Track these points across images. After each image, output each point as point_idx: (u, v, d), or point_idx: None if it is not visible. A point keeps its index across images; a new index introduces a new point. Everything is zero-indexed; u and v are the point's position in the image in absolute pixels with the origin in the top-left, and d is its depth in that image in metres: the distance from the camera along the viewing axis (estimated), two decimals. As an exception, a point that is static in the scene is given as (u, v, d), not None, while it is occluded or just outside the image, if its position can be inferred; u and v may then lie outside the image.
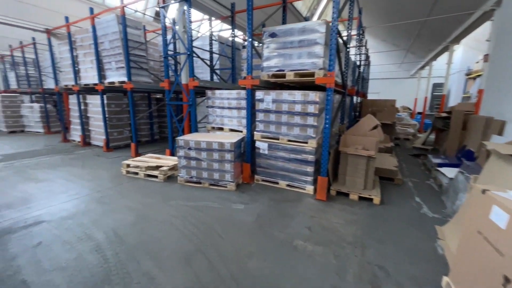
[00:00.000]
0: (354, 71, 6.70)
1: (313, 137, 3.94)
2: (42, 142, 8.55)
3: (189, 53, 4.95)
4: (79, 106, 7.92)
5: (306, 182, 4.14)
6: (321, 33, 3.79)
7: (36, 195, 3.87)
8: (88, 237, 2.74)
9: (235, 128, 4.97)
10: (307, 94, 3.86)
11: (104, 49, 6.65)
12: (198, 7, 5.87)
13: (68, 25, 7.32)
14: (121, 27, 5.99)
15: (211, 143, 4.13)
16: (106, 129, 7.20)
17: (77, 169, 5.32)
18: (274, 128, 4.23)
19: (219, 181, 4.26)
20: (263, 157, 4.45)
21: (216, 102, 5.10)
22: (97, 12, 6.57)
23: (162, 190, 4.19)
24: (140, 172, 4.76)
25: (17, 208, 3.42)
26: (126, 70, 6.15)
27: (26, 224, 2.98)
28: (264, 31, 4.26)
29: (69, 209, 3.40)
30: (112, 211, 3.39)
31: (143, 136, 8.64)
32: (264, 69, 4.35)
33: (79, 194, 3.96)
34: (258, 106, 4.32)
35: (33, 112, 10.58)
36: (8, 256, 2.39)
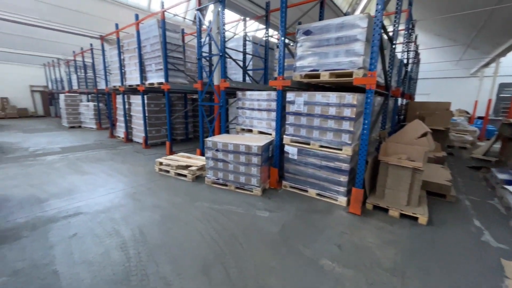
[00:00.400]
0: (400, 70, 5.99)
1: (349, 143, 3.56)
2: (93, 137, 9.52)
3: (221, 54, 4.95)
4: (124, 105, 8.62)
5: (339, 192, 3.78)
6: (362, 29, 3.40)
7: (80, 187, 4.24)
8: (116, 233, 2.85)
9: (264, 130, 4.81)
10: (343, 96, 3.50)
11: (146, 52, 7.08)
12: (233, 7, 5.86)
13: (118, 31, 8.00)
14: (161, 31, 6.30)
15: (238, 146, 4.03)
16: (145, 127, 7.68)
17: (118, 164, 5.74)
18: (305, 132, 3.96)
19: (245, 185, 4.14)
20: (292, 163, 4.20)
21: (246, 103, 5.00)
22: (141, 18, 7.02)
23: (190, 190, 4.24)
24: (171, 170, 4.91)
25: (63, 198, 3.76)
26: (164, 72, 6.44)
27: (67, 215, 3.24)
28: (298, 29, 4.01)
29: (104, 203, 3.63)
30: (141, 208, 3.51)
31: (178, 135, 9.03)
32: (296, 69, 4.10)
33: (115, 188, 4.21)
34: (288, 109, 4.09)
35: (88, 110, 11.90)
36: (47, 244, 2.60)
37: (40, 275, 2.16)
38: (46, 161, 5.85)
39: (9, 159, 6.03)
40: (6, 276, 2.14)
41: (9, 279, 2.10)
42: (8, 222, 3.03)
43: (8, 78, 16.30)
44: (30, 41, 12.81)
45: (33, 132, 10.35)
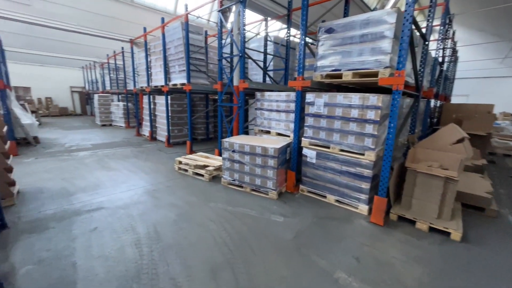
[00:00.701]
0: (434, 70, 5.50)
1: (372, 148, 3.32)
2: (121, 135, 10.09)
3: (240, 54, 4.92)
4: (149, 105, 9.02)
5: (360, 200, 3.54)
6: (390, 24, 3.15)
7: (104, 183, 4.47)
8: (132, 229, 2.93)
9: (282, 132, 4.69)
10: (367, 98, 3.27)
11: (170, 54, 7.32)
12: (254, 7, 5.83)
13: (145, 35, 8.39)
14: (184, 33, 6.46)
15: (254, 147, 3.96)
16: (168, 126, 7.95)
17: (141, 162, 5.98)
18: (324, 135, 3.78)
19: (261, 187, 4.06)
20: (310, 166, 4.04)
21: (264, 104, 4.92)
22: (167, 21, 7.28)
23: (206, 190, 4.26)
24: (189, 169, 4.99)
25: (89, 193, 3.99)
26: (186, 73, 6.60)
27: (90, 209, 3.42)
28: (319, 27, 3.85)
29: (125, 199, 3.78)
30: (158, 206, 3.60)
31: (199, 135, 9.22)
32: (317, 69, 3.94)
33: (136, 185, 4.38)
34: (307, 110, 3.93)
35: (118, 109, 12.65)
36: (71, 236, 2.75)
37: (61, 266, 2.27)
38: (78, 157, 6.29)
39: (48, 153, 6.59)
40: (31, 264, 2.28)
41: (33, 267, 2.24)
42: (40, 213, 3.27)
43: (52, 79, 17.95)
44: (70, 46, 13.95)
45: (70, 129, 11.25)
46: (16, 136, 7.51)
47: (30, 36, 11.66)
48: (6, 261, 2.31)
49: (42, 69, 17.09)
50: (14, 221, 3.02)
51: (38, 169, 5.15)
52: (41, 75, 17.05)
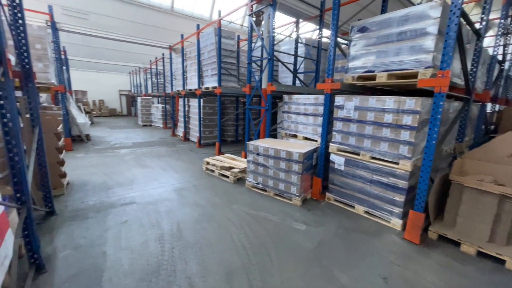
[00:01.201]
0: (491, 69, 4.78)
1: (408, 157, 3.00)
2: (159, 135, 10.83)
3: (269, 57, 4.90)
4: (184, 107, 9.53)
5: (392, 213, 3.22)
6: (434, 19, 2.83)
7: (139, 179, 4.81)
8: (158, 225, 3.08)
9: (309, 136, 4.53)
10: (403, 101, 2.97)
11: (204, 58, 7.64)
12: (285, 10, 5.77)
13: (182, 41, 8.91)
14: (217, 38, 6.69)
15: (279, 151, 3.89)
16: (200, 128, 8.29)
17: (173, 161, 6.32)
18: (354, 140, 3.53)
19: (284, 193, 3.96)
20: (338, 174, 3.81)
21: (292, 107, 4.82)
22: (202, 27, 7.62)
23: (230, 192, 4.31)
24: (216, 170, 5.11)
25: (125, 187, 4.33)
26: (217, 76, 6.81)
27: (124, 203, 3.70)
28: (352, 26, 3.63)
29: (154, 196, 4.01)
30: (184, 204, 3.74)
31: (228, 136, 9.43)
32: (349, 70, 3.72)
33: (166, 183, 4.63)
34: (336, 114, 3.73)
35: (157, 111, 13.63)
36: (104, 227, 3.00)
37: (93, 254, 2.49)
38: (119, 154, 6.91)
39: (95, 150, 7.37)
40: (70, 249, 2.54)
41: (71, 252, 2.49)
42: (82, 203, 3.65)
43: (104, 84, 20.16)
44: (120, 54, 15.50)
45: (116, 128, 12.46)
46: (72, 133, 8.58)
47: (88, 46, 13.26)
48: (51, 244, 2.61)
49: (97, 75, 19.32)
50: (61, 209, 3.41)
51: (86, 164, 5.78)
52: (95, 80, 19.29)
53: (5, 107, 1.95)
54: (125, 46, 12.12)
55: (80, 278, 2.15)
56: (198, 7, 13.21)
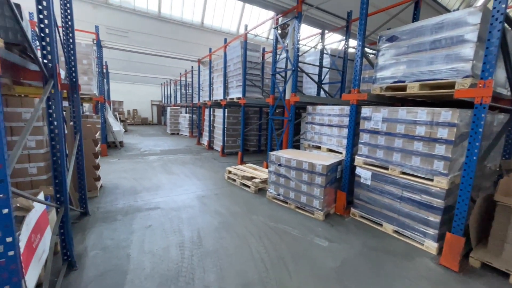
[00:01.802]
0: (544, 78, 4.26)
1: (444, 173, 2.75)
2: (185, 143, 11.28)
3: (293, 68, 4.92)
4: (209, 117, 9.86)
5: (426, 234, 2.94)
6: (473, 26, 2.64)
7: (164, 185, 5.01)
8: (179, 231, 3.15)
9: (334, 148, 4.38)
10: (437, 113, 2.76)
11: (230, 70, 7.92)
12: (311, 22, 5.80)
13: (210, 54, 9.35)
14: (243, 51, 6.91)
15: (301, 163, 3.81)
16: (223, 137, 8.48)
17: (197, 168, 6.51)
18: (382, 154, 3.34)
19: (306, 206, 3.84)
20: (364, 188, 3.61)
21: (316, 118, 4.73)
22: (229, 41, 7.95)
23: (250, 202, 4.29)
24: (237, 180, 5.14)
25: (151, 192, 4.53)
26: (242, 88, 6.98)
27: (149, 207, 3.86)
28: (380, 36, 3.53)
29: (178, 202, 4.13)
30: (205, 212, 3.79)
31: (251, 146, 9.51)
32: (376, 81, 3.58)
33: (189, 190, 4.75)
34: (363, 126, 3.58)
35: (184, 120, 14.27)
36: (130, 230, 3.14)
37: (118, 255, 2.60)
38: (148, 160, 7.30)
39: (127, 156, 7.88)
40: (98, 249, 2.69)
41: (98, 252, 2.64)
42: (112, 205, 3.88)
43: (138, 94, 21.75)
44: (153, 67, 16.70)
45: (146, 136, 13.25)
46: (107, 140, 9.30)
47: (126, 61, 14.49)
48: (82, 243, 2.79)
49: (132, 86, 20.96)
50: (94, 210, 3.66)
51: (118, 169, 6.18)
52: (130, 91, 20.92)
53: (52, 116, 2.19)
54: (158, 59, 13.05)
55: (106, 278, 2.26)
56: (226, 22, 13.88)
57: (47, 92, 1.95)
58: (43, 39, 2.07)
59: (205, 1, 12.33)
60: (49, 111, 2.16)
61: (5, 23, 1.74)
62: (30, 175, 3.18)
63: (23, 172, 3.14)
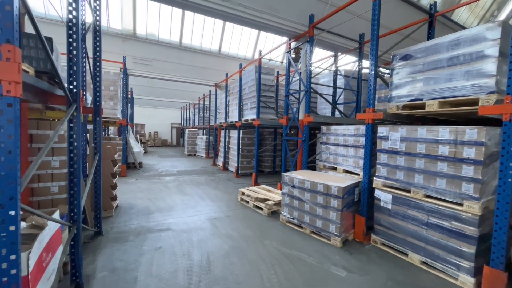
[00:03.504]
0: None
1: (475, 197, 2.48)
2: (201, 164, 11.43)
3: (306, 89, 4.96)
4: (225, 138, 10.03)
5: (460, 267, 2.60)
6: (493, 41, 2.55)
7: (178, 206, 5.01)
8: (188, 255, 3.06)
9: (350, 169, 4.20)
10: (461, 131, 2.58)
11: (245, 93, 8.16)
12: (323, 45, 5.94)
13: (227, 79, 9.77)
14: (257, 75, 7.15)
15: (315, 184, 3.66)
16: (238, 158, 8.51)
17: (210, 189, 6.49)
18: (402, 175, 3.13)
19: (322, 231, 3.60)
20: (385, 213, 3.35)
21: (330, 138, 4.62)
22: (244, 66, 8.30)
23: (263, 225, 4.12)
24: (250, 201, 5.02)
25: (163, 213, 4.53)
26: (256, 109, 7.11)
27: (161, 229, 3.83)
28: (393, 55, 3.49)
29: (189, 224, 4.07)
30: (216, 235, 3.68)
31: (266, 167, 9.41)
32: (392, 99, 3.49)
33: (201, 212, 4.70)
34: (380, 146, 3.42)
35: (201, 142, 14.62)
36: (140, 252, 3.10)
37: (126, 278, 2.54)
38: (164, 181, 7.43)
39: (144, 176, 8.09)
40: (107, 271, 2.66)
41: (107, 274, 2.60)
42: (126, 226, 3.90)
43: (158, 118, 22.92)
44: (173, 92, 17.69)
45: (165, 157, 13.65)
46: (128, 161, 9.69)
47: (149, 87, 15.51)
48: (92, 264, 2.78)
49: (154, 110, 22.22)
50: (107, 230, 3.69)
51: (135, 189, 6.33)
52: (152, 114, 22.13)
53: (73, 137, 2.32)
54: (178, 85, 13.87)
55: (111, 303, 2.19)
56: (242, 49, 14.65)
57: (68, 115, 2.09)
58: (70, 67, 2.28)
59: (222, 30, 13.20)
60: (71, 132, 2.29)
61: (37, 54, 1.94)
62: (52, 193, 3.32)
63: (45, 191, 3.29)
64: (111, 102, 7.72)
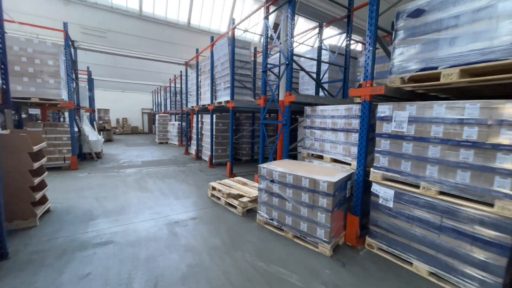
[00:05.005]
0: None
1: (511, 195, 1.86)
2: (172, 153, 10.32)
3: (287, 62, 4.09)
4: (197, 124, 8.97)
5: (483, 283, 2.03)
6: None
7: (131, 207, 4.05)
8: (127, 284, 2.19)
9: (339, 158, 3.50)
10: (498, 107, 1.90)
11: (217, 72, 7.09)
12: (305, 12, 5.07)
13: (197, 56, 8.55)
14: (230, 48, 6.11)
15: (299, 178, 2.91)
16: (212, 146, 7.56)
17: (177, 184, 5.55)
18: (409, 166, 2.46)
19: (307, 235, 2.91)
20: (384, 212, 2.71)
21: (316, 121, 3.87)
22: (216, 39, 7.17)
23: (235, 229, 3.35)
24: (222, 198, 4.21)
25: (110, 218, 3.57)
26: (230, 89, 6.14)
27: (99, 242, 2.89)
28: (398, 13, 2.71)
29: (140, 232, 3.17)
30: (173, 248, 2.84)
31: (243, 155, 8.60)
32: (394, 71, 2.75)
33: (160, 214, 3.80)
34: (380, 129, 2.72)
35: (173, 128, 13.36)
36: (57, 283, 2.17)
37: None
38: (123, 174, 6.33)
39: (101, 168, 6.90)
40: (-14, 327, 1.73)
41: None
42: (50, 240, 2.91)
43: (128, 103, 20.86)
44: (142, 73, 15.92)
45: (132, 146, 12.26)
46: (83, 151, 8.33)
47: (112, 67, 13.67)
48: (-35, 315, 1.82)
49: (121, 94, 20.08)
50: (19, 249, 2.68)
51: (83, 185, 5.20)
52: (120, 99, 20.03)
53: None
54: (146, 65, 12.29)
55: None
56: (215, 22, 13.14)
57: None
58: None
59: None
60: None
61: None
62: None
63: None
64: (51, 80, 6.30)
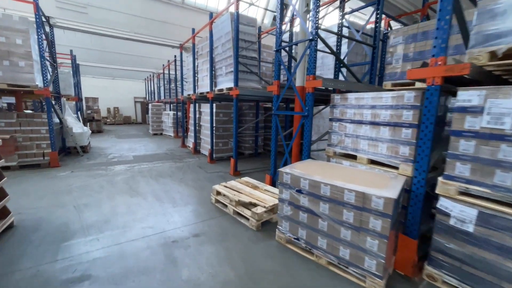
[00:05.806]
0: None
1: None
2: (167, 145, 9.48)
3: (311, 38, 3.24)
4: (194, 114, 8.10)
5: None
6: None
7: (117, 219, 3.28)
8: None
9: (381, 160, 2.75)
10: None
11: (218, 54, 6.18)
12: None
13: (193, 36, 7.56)
14: (233, 25, 5.19)
15: (341, 191, 2.16)
16: (212, 139, 6.76)
17: (174, 184, 4.79)
18: (510, 179, 1.73)
19: (349, 265, 2.20)
20: (457, 236, 2.01)
21: (347, 112, 3.09)
22: (215, 16, 6.20)
23: (251, 251, 2.63)
24: (229, 206, 3.47)
25: (89, 237, 2.80)
26: (234, 74, 5.27)
27: (71, 278, 2.13)
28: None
29: (128, 259, 2.42)
30: (170, 283, 2.11)
31: (246, 149, 7.82)
32: (477, 43, 1.96)
33: (154, 228, 3.05)
34: (461, 124, 1.96)
35: (168, 118, 12.42)
36: None
37: None
38: (112, 172, 5.52)
39: (87, 165, 6.06)
40: None
41: None
42: (1, 278, 2.14)
43: (119, 91, 19.64)
44: (133, 58, 14.71)
45: (124, 138, 11.34)
46: (67, 145, 7.42)
47: (99, 51, 12.47)
48: None
49: (112, 82, 18.83)
50: (-46, 295, 1.92)
51: (62, 188, 4.40)
52: (110, 87, 18.79)
53: None
54: (137, 49, 11.16)
55: None
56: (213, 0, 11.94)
57: None
58: None
59: (186, -26, 10.40)
60: None
61: None
62: None
63: None
64: (21, 63, 5.34)
